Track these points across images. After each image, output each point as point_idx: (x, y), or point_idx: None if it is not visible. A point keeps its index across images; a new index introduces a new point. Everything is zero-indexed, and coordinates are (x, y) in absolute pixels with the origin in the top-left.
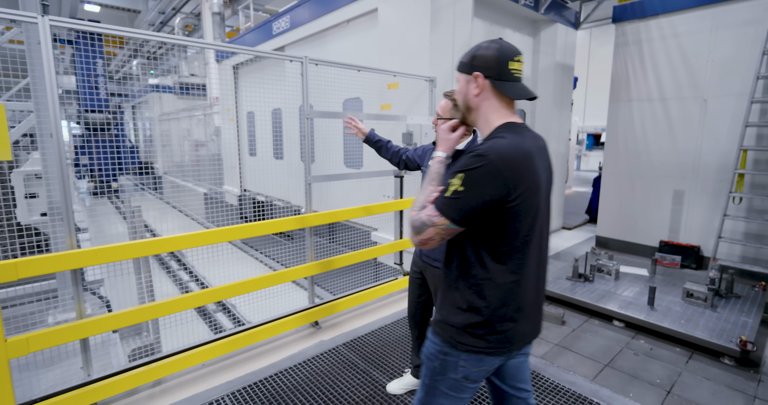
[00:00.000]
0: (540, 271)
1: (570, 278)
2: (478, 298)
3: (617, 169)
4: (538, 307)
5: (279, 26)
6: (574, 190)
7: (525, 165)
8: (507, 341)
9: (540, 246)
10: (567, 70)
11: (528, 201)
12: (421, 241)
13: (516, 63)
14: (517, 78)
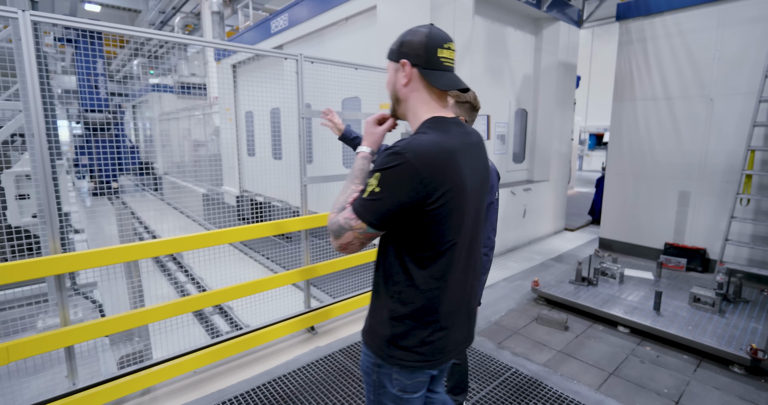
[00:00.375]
0: (470, 277)
1: (573, 282)
2: (401, 305)
3: (621, 170)
4: (468, 314)
5: (277, 24)
6: (577, 191)
7: (446, 164)
8: (438, 352)
9: (470, 250)
10: (570, 68)
11: (452, 203)
12: (340, 245)
13: (446, 50)
14: (448, 67)
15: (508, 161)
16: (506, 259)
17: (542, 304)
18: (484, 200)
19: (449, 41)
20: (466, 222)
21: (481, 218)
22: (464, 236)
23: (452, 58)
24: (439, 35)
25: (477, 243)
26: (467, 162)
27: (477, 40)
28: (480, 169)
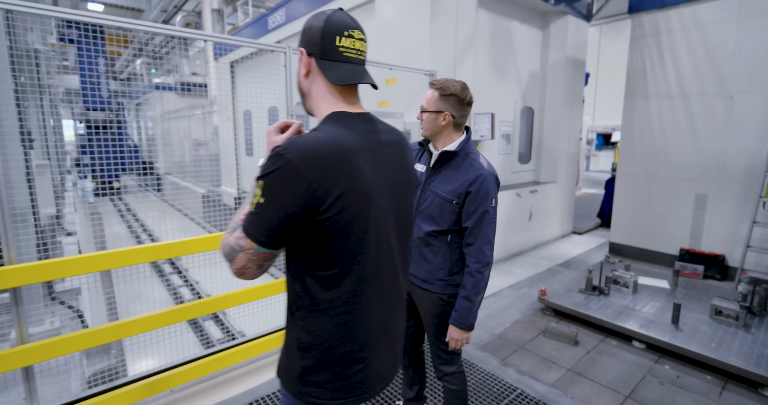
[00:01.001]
0: (393, 297)
1: (583, 291)
2: (307, 334)
3: (633, 171)
4: (393, 340)
5: (275, 20)
6: (584, 192)
7: (338, 164)
8: (357, 387)
9: (391, 266)
10: (578, 65)
11: (351, 210)
12: (236, 270)
13: (347, 39)
14: (348, 58)
15: (514, 162)
16: (511, 265)
17: (550, 315)
18: (407, 205)
19: (353, 28)
20: (375, 232)
21: (405, 227)
22: (377, 249)
23: (357, 48)
24: (341, 21)
25: (401, 257)
26: (373, 162)
27: (481, 35)
28: (395, 171)
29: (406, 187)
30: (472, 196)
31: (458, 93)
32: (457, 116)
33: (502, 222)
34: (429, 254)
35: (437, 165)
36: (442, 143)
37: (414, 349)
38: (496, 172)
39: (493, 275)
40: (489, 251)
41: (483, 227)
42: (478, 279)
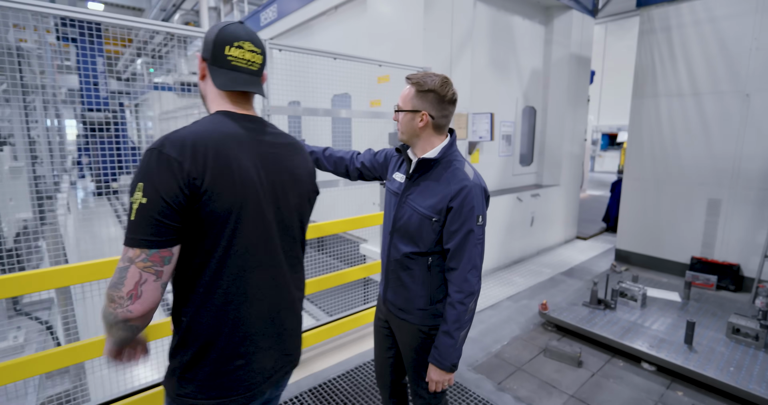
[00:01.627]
0: (278, 292)
1: (587, 304)
2: (186, 329)
3: (641, 174)
4: (279, 335)
5: (267, 17)
6: (589, 194)
7: (213, 152)
8: (239, 385)
9: (273, 260)
10: (583, 62)
11: (227, 198)
12: (130, 294)
13: (236, 49)
14: (236, 67)
15: (515, 164)
16: (511, 273)
17: (551, 330)
18: (291, 207)
19: (244, 40)
20: (253, 223)
21: (290, 227)
22: (257, 241)
23: (246, 59)
24: (234, 33)
25: (288, 256)
26: (253, 157)
27: (479, 30)
28: (280, 171)
29: (292, 188)
30: (454, 212)
31: (437, 89)
32: (437, 116)
33: (502, 227)
34: (407, 279)
35: (415, 174)
36: (421, 149)
37: (395, 382)
38: (484, 183)
39: (491, 285)
40: (474, 278)
41: (467, 250)
42: (460, 311)
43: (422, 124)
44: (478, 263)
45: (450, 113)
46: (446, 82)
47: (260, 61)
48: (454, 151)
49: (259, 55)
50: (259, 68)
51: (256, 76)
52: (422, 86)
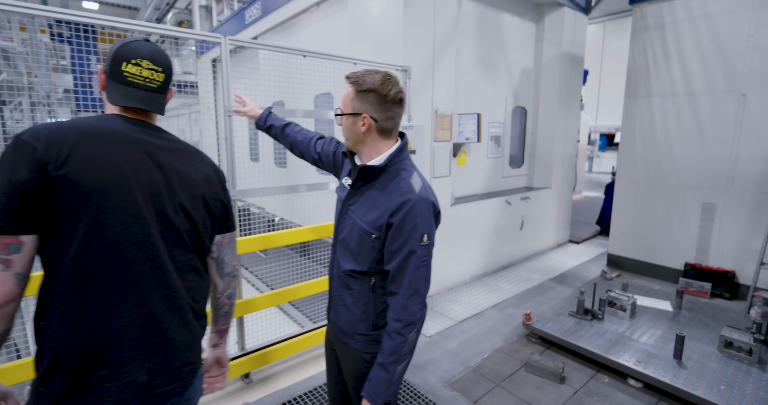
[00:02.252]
0: (157, 296)
1: (574, 315)
2: (40, 335)
3: (634, 177)
4: (161, 345)
5: (251, 14)
6: (585, 195)
7: (78, 142)
8: (104, 399)
9: (151, 262)
10: (575, 61)
11: (79, 187)
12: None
13: (134, 67)
14: (132, 83)
15: (504, 166)
16: (499, 280)
17: (536, 342)
18: (177, 209)
19: (143, 58)
20: (120, 223)
21: (178, 230)
22: (123, 242)
23: (144, 76)
24: (134, 50)
25: (175, 260)
26: (130, 154)
27: (466, 28)
28: (167, 173)
29: (182, 191)
30: (394, 229)
31: (377, 88)
32: (380, 119)
33: (490, 232)
34: (348, 300)
35: (359, 183)
36: (367, 155)
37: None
38: (434, 197)
39: (476, 292)
40: (415, 306)
41: (407, 273)
42: (397, 342)
43: (365, 128)
44: (422, 289)
45: (397, 115)
46: (388, 79)
47: (161, 79)
48: (404, 158)
49: (161, 73)
50: (159, 86)
51: (156, 93)
52: (361, 86)
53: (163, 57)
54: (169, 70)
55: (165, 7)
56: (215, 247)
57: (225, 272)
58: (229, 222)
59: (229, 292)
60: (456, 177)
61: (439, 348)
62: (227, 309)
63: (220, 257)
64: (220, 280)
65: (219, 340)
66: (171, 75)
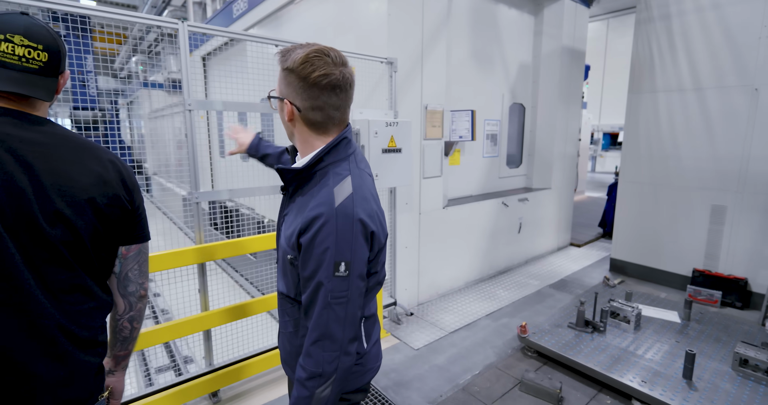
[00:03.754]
0: (19, 325)
1: (573, 326)
2: None
3: (638, 177)
4: (10, 379)
5: (238, 8)
6: (587, 196)
7: None
8: None
9: (7, 278)
10: (576, 56)
11: None
12: None
13: (4, 43)
14: (3, 63)
15: (501, 166)
16: (494, 286)
17: (532, 356)
18: (50, 216)
19: (15, 34)
20: None
21: (48, 241)
22: None
23: (18, 55)
24: (3, 24)
25: (44, 278)
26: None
27: (459, 20)
28: (36, 173)
29: (58, 195)
30: (303, 251)
31: (296, 68)
32: (303, 108)
33: (485, 235)
34: (288, 326)
35: (290, 188)
36: (300, 153)
37: None
38: (366, 212)
39: (470, 300)
40: (323, 354)
41: (315, 310)
42: (300, 396)
43: (289, 117)
44: (335, 333)
45: (327, 105)
46: (314, 57)
47: (43, 59)
48: (341, 158)
49: (41, 51)
50: (41, 67)
51: (37, 76)
52: (284, 61)
53: (44, 33)
54: (54, 48)
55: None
56: (117, 261)
57: (128, 291)
58: (136, 231)
59: (132, 314)
60: (449, 177)
61: (426, 363)
62: (127, 333)
63: (122, 272)
64: (122, 299)
65: (114, 367)
66: (59, 54)
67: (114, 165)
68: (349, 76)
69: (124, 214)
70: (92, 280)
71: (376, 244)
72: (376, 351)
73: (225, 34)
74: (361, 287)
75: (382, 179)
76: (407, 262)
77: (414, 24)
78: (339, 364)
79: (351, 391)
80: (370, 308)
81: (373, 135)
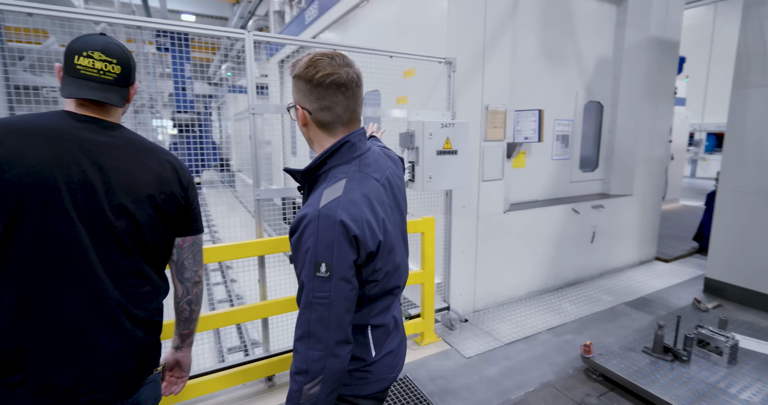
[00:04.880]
0: (88, 300)
1: (649, 352)
2: None
3: (742, 185)
4: (79, 349)
5: (310, 14)
6: (682, 204)
7: (2, 143)
8: (15, 403)
9: (79, 263)
10: (667, 47)
11: (6, 188)
12: None
13: (85, 58)
14: (85, 76)
15: (573, 169)
16: (560, 298)
17: (596, 379)
18: (116, 210)
19: (94, 50)
20: (41, 225)
21: (115, 231)
22: (46, 244)
23: (97, 68)
24: (85, 42)
25: (109, 264)
26: (60, 153)
27: (526, 13)
28: (106, 171)
29: (123, 191)
30: (293, 250)
31: (301, 73)
32: (313, 110)
33: (551, 242)
34: None
35: (304, 190)
36: None
37: None
38: (350, 215)
39: (531, 311)
40: (308, 351)
41: (300, 307)
42: (291, 390)
43: (302, 122)
44: (318, 332)
45: (334, 103)
46: (318, 60)
47: (117, 71)
48: (344, 160)
49: (116, 64)
50: (115, 78)
51: (113, 86)
52: (292, 71)
53: (118, 49)
54: (125, 61)
55: (247, 14)
56: (174, 250)
57: (184, 277)
58: (190, 224)
59: (189, 298)
60: (512, 181)
61: (476, 373)
62: (187, 315)
63: (179, 261)
64: (180, 284)
65: (181, 344)
66: (129, 67)
67: (171, 165)
68: (354, 76)
69: (179, 210)
70: (150, 267)
71: (362, 249)
72: (390, 362)
73: (285, 41)
74: (346, 290)
75: (435, 181)
76: (463, 266)
77: (475, 22)
78: (326, 364)
79: (360, 396)
80: (380, 318)
81: (428, 137)
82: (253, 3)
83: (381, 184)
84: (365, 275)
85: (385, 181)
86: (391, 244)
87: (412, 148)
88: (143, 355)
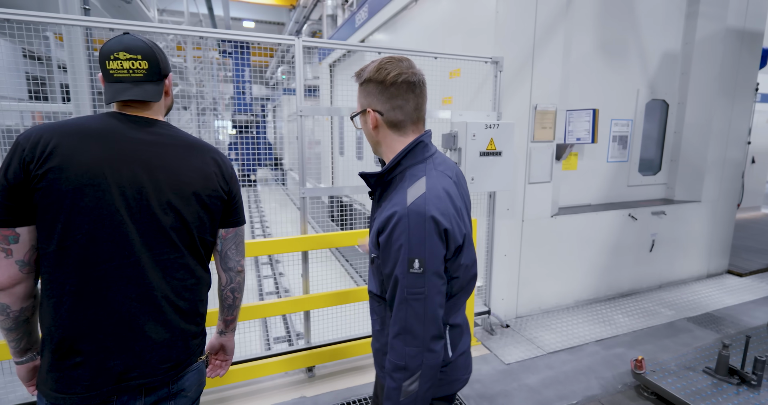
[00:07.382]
0: (136, 291)
1: (711, 373)
2: (40, 319)
3: None
4: (136, 339)
5: (360, 18)
6: (764, 213)
7: (60, 141)
8: (76, 384)
9: (128, 256)
10: (748, 39)
11: (55, 186)
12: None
13: (114, 62)
14: (119, 78)
15: (631, 172)
16: (612, 309)
17: (648, 398)
18: (163, 205)
19: (117, 51)
20: (94, 219)
21: (162, 226)
22: (98, 238)
23: (126, 68)
24: (110, 47)
25: (156, 258)
26: (114, 151)
27: (581, 8)
28: (153, 169)
29: (170, 187)
30: (382, 250)
31: (373, 75)
32: (385, 110)
33: (605, 249)
34: (376, 324)
35: (377, 193)
36: (387, 160)
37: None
38: (439, 210)
39: (578, 321)
40: (403, 347)
41: (395, 305)
42: (389, 388)
43: (373, 125)
44: (415, 328)
45: (406, 102)
46: (387, 63)
47: (145, 67)
48: (419, 161)
49: (142, 60)
50: (145, 74)
51: (145, 82)
52: (360, 77)
53: (141, 44)
54: (151, 56)
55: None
56: (219, 241)
57: (228, 266)
58: (233, 217)
59: (232, 286)
60: (561, 183)
61: (515, 380)
62: (230, 302)
63: (223, 251)
64: (224, 273)
65: (225, 329)
66: (157, 61)
67: (215, 161)
68: (420, 77)
69: (223, 204)
70: (195, 260)
71: (452, 242)
72: (464, 362)
73: (332, 46)
74: (439, 285)
75: (478, 183)
76: (506, 270)
77: (525, 19)
78: (423, 360)
79: (436, 398)
80: (456, 318)
81: (471, 138)
82: (307, 8)
83: (453, 182)
84: (450, 271)
85: (456, 178)
86: (470, 238)
87: (454, 149)
88: (187, 344)
